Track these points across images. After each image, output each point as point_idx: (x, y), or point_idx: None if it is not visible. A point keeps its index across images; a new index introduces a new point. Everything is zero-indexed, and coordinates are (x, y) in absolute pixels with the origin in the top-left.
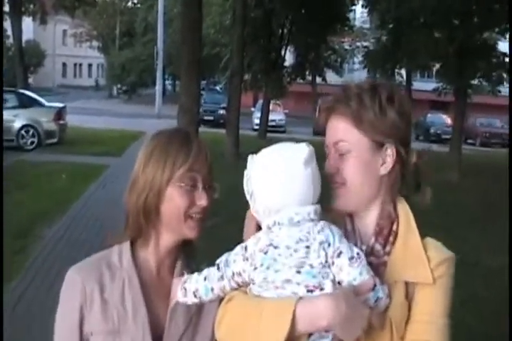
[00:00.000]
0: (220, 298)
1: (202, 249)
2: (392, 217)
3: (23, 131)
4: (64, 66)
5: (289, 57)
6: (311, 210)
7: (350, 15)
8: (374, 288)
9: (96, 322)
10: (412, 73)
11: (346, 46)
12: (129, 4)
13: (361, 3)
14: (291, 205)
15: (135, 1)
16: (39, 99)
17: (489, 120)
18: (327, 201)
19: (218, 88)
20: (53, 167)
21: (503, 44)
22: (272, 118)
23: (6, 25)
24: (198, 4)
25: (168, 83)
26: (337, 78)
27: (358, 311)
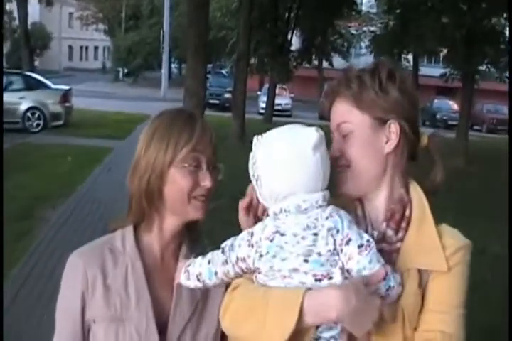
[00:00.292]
0: (226, 284)
1: (205, 232)
2: (404, 202)
3: (29, 114)
4: (70, 49)
5: (296, 41)
6: (320, 197)
7: None
8: (385, 278)
9: (98, 309)
10: (419, 58)
11: (353, 31)
12: None
13: None
14: (298, 192)
15: None
16: (45, 82)
17: (496, 106)
18: (336, 186)
19: (224, 72)
20: (59, 149)
21: None
22: (278, 102)
23: (12, 7)
24: None
25: (174, 66)
26: (344, 63)
27: (369, 304)
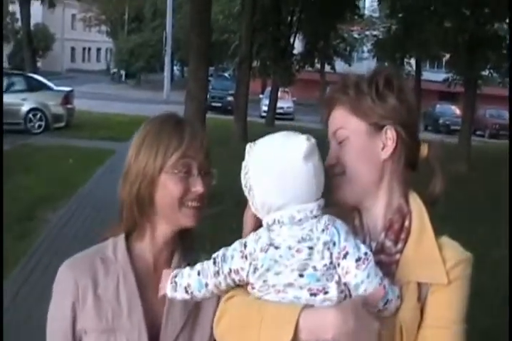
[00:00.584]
0: (216, 296)
1: (207, 238)
2: (403, 212)
3: (31, 115)
4: (73, 50)
5: (298, 44)
6: (314, 207)
7: (359, 3)
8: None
9: (89, 319)
10: (422, 63)
11: (355, 35)
12: None
13: None
14: (291, 203)
15: None
16: (47, 83)
17: (499, 111)
18: (332, 194)
19: (227, 74)
20: (60, 151)
21: None
22: (280, 105)
23: (15, 8)
24: None
25: (176, 69)
26: (346, 67)
27: (367, 325)
